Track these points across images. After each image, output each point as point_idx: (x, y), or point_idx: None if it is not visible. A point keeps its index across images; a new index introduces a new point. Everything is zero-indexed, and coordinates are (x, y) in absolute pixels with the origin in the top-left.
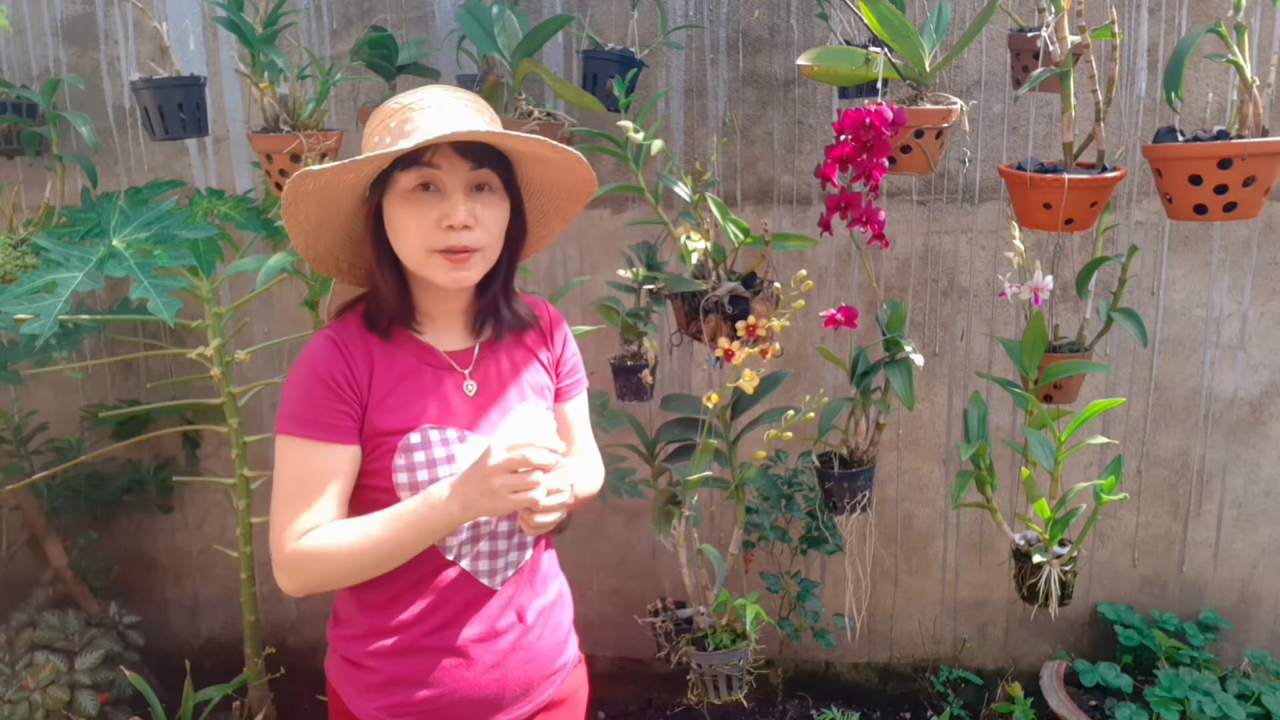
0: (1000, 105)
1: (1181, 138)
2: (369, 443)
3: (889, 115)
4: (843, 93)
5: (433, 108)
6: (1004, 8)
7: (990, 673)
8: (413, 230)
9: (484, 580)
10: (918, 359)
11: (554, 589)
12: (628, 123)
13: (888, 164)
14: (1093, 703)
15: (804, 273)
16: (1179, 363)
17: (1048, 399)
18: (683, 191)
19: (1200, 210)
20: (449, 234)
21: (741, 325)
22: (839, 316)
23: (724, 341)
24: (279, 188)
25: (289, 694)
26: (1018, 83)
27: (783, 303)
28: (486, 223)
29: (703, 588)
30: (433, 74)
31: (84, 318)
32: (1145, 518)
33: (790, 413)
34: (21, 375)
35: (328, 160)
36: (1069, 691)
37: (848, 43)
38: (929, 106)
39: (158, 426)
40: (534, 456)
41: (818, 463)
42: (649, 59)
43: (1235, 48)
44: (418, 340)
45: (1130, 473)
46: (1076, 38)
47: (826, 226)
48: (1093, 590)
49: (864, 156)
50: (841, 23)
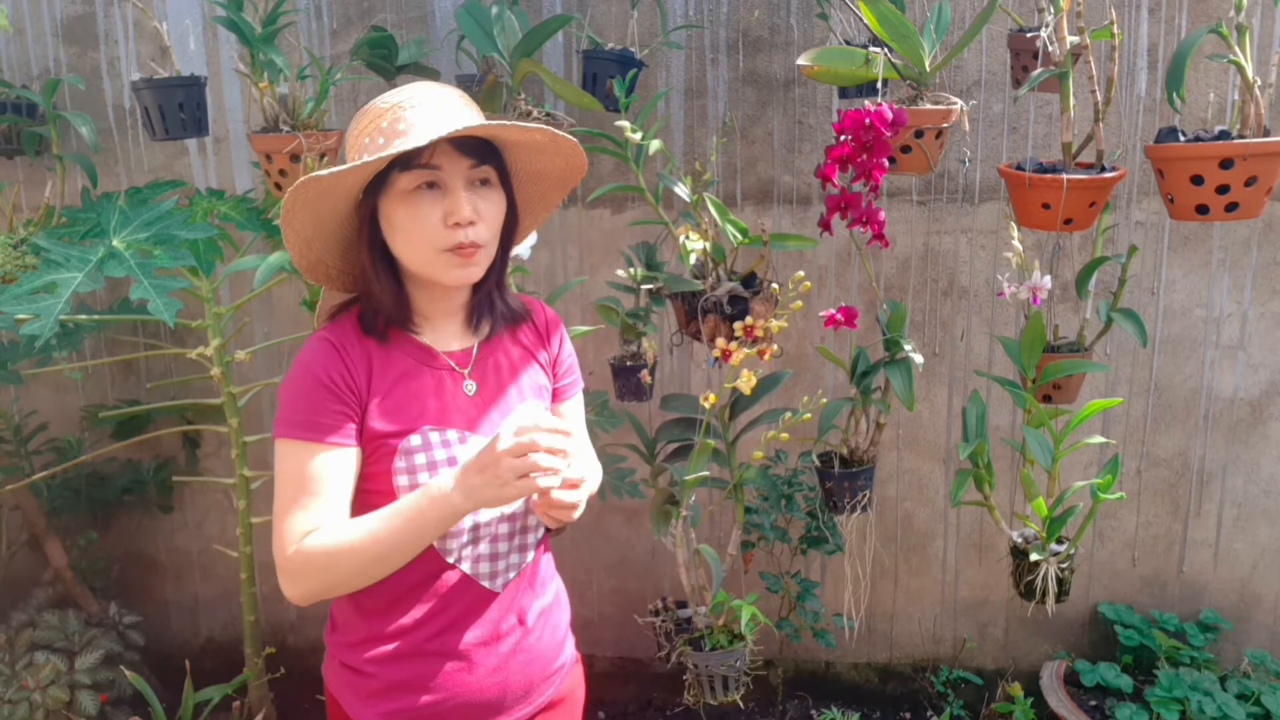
0: (1000, 105)
1: (1183, 138)
2: (368, 446)
3: (889, 115)
4: (843, 93)
5: (424, 105)
6: (1004, 8)
7: (990, 673)
8: (418, 231)
9: (485, 583)
10: (917, 359)
11: (552, 590)
12: (626, 123)
13: (888, 164)
14: (1093, 703)
15: (801, 274)
16: (1179, 363)
17: (1047, 399)
18: (682, 191)
19: (1202, 210)
20: (456, 231)
21: (739, 326)
22: (839, 316)
23: (721, 342)
24: (279, 188)
25: (289, 694)
26: (1017, 83)
27: (781, 303)
28: (489, 218)
29: (700, 588)
30: (432, 74)
31: (84, 318)
32: (1145, 518)
33: (788, 414)
34: (21, 375)
35: (327, 160)
36: (1069, 691)
37: (848, 43)
38: (929, 106)
39: (158, 426)
40: (543, 440)
41: (818, 462)
42: (649, 59)
43: (1236, 48)
44: (415, 341)
45: (1130, 472)
46: (1076, 38)
47: (826, 226)
48: (1093, 590)
49: (864, 156)
50: (841, 23)
